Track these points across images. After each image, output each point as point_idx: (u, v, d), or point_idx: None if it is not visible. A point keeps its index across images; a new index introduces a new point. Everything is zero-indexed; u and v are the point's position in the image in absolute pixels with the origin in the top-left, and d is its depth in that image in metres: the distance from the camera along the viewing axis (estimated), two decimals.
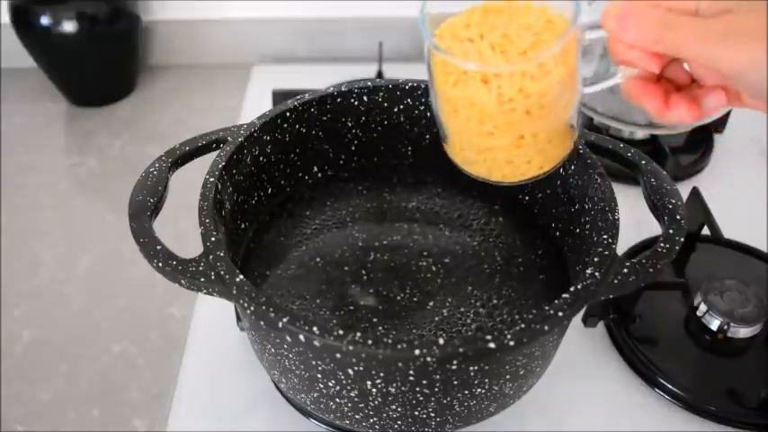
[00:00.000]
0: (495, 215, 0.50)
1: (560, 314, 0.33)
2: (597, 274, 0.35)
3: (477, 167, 0.37)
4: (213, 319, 0.52)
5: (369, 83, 0.48)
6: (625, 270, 0.36)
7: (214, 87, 0.91)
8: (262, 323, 0.32)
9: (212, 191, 0.39)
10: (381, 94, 0.49)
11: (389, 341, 0.31)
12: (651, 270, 0.36)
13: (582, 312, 0.51)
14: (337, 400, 0.37)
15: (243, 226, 0.46)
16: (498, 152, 0.35)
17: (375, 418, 0.37)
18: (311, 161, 0.50)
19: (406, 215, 0.50)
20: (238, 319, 0.49)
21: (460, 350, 0.31)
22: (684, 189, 0.53)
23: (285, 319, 0.32)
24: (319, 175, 0.51)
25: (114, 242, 0.68)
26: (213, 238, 0.36)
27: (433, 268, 0.46)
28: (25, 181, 0.76)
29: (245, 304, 0.33)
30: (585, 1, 0.72)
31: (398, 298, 0.44)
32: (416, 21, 0.34)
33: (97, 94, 0.88)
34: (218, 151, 0.43)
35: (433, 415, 0.37)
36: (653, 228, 0.43)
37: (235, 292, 0.34)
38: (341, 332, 0.31)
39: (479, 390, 0.36)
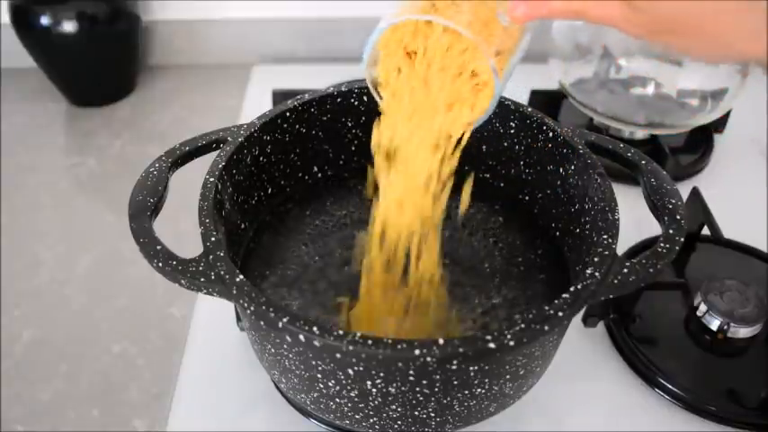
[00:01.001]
0: (495, 215, 0.50)
1: (560, 314, 0.33)
2: (597, 274, 0.35)
3: None
4: (213, 319, 0.52)
5: None
6: (625, 270, 0.36)
7: (214, 87, 0.91)
8: (262, 323, 0.32)
9: (212, 191, 0.39)
10: None
11: (389, 341, 0.31)
12: (651, 270, 0.36)
13: (582, 312, 0.51)
14: (337, 400, 0.37)
15: (243, 226, 0.46)
16: None
17: (375, 418, 0.37)
18: (311, 161, 0.50)
19: None
20: (238, 319, 0.49)
21: (460, 350, 0.31)
22: (684, 189, 0.53)
23: (285, 319, 0.32)
24: (319, 175, 0.51)
25: (114, 242, 0.68)
26: (213, 238, 0.36)
27: None
28: (25, 181, 0.76)
29: (245, 304, 0.33)
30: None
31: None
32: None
33: (97, 94, 0.88)
34: (218, 151, 0.43)
35: (433, 415, 0.37)
36: (653, 228, 0.43)
37: (235, 292, 0.34)
38: (341, 332, 0.31)
39: (479, 390, 0.36)
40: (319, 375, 0.36)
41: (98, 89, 0.88)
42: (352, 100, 0.48)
